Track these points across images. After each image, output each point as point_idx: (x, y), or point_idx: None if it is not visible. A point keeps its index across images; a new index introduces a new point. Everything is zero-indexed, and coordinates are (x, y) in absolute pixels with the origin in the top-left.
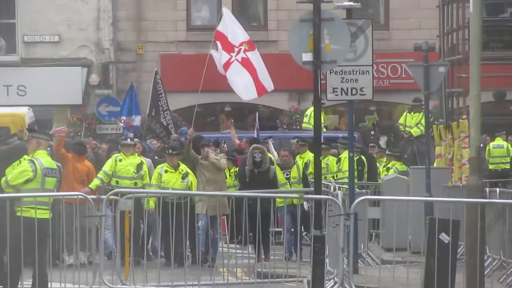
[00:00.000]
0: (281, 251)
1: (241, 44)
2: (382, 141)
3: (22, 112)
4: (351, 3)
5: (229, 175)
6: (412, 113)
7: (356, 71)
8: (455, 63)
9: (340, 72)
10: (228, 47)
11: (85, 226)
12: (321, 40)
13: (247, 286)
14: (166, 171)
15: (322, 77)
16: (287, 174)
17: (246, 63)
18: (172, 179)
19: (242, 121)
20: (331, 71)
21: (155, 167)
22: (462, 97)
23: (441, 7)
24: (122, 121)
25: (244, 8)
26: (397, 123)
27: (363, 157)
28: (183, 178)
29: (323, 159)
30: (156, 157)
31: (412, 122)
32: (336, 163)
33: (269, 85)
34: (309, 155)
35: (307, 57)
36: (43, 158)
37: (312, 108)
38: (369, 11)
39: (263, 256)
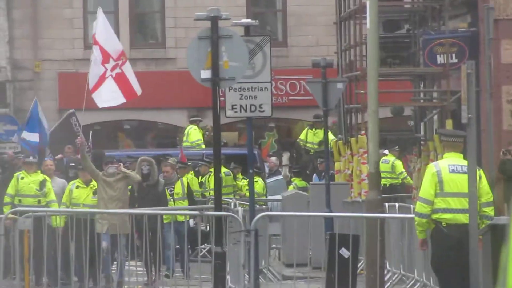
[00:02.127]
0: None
1: (118, 58)
2: (285, 157)
3: None
4: (249, 20)
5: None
6: (313, 129)
7: (255, 88)
8: (353, 79)
9: (239, 89)
10: (104, 57)
11: None
12: (219, 57)
13: None
14: (77, 187)
15: (221, 94)
16: (170, 190)
17: (120, 78)
18: (83, 194)
19: (141, 138)
20: (230, 88)
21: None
22: (360, 113)
23: (338, 24)
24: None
25: (142, 26)
26: (297, 139)
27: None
28: (94, 194)
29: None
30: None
31: (314, 139)
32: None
33: (137, 88)
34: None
35: (206, 74)
36: None
37: (189, 126)
38: (267, 28)
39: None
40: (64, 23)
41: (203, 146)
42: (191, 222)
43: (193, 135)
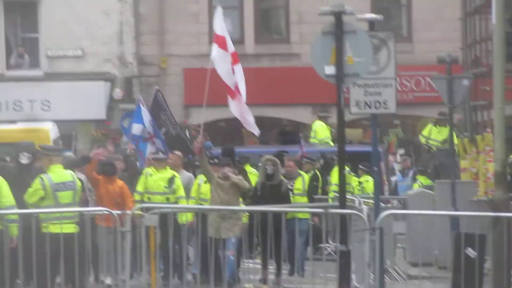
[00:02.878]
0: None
1: (232, 55)
2: (400, 153)
3: (47, 127)
4: (374, 15)
5: None
6: (437, 127)
7: (379, 84)
8: (478, 76)
9: (363, 85)
10: (233, 58)
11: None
12: (343, 53)
13: None
14: (205, 182)
15: (345, 90)
16: (291, 185)
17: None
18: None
19: (265, 135)
20: (354, 84)
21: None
22: (486, 110)
23: (464, 19)
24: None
25: (266, 21)
26: (420, 135)
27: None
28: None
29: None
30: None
31: (438, 136)
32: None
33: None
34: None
35: (330, 70)
36: (54, 174)
37: (317, 123)
38: (392, 23)
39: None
40: (189, 18)
41: (332, 143)
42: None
43: (321, 132)
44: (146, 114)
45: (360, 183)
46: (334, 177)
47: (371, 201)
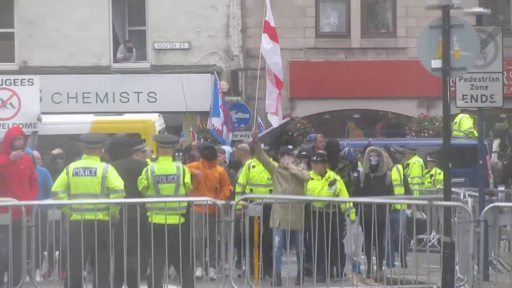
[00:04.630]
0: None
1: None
2: (495, 143)
3: (153, 119)
4: (481, 9)
5: None
6: None
7: (486, 78)
8: None
9: (470, 79)
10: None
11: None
12: (450, 46)
13: None
14: (312, 179)
15: (451, 84)
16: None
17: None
18: (318, 186)
19: (370, 128)
20: (460, 78)
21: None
22: None
23: None
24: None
25: (372, 15)
26: None
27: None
28: (329, 185)
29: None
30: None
31: None
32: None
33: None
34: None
35: (436, 64)
36: (158, 165)
37: (460, 115)
38: (499, 17)
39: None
40: (296, 11)
41: (476, 134)
42: (408, 211)
43: (465, 123)
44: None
45: (431, 176)
46: (414, 170)
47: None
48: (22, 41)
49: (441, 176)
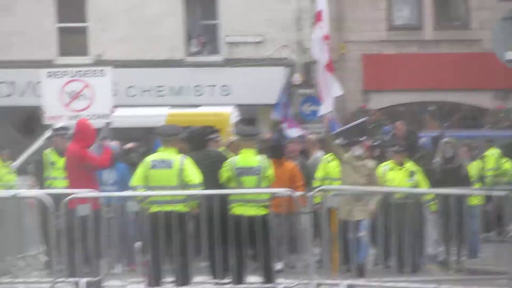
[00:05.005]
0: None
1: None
2: None
3: (227, 112)
4: None
5: None
6: None
7: None
8: None
9: None
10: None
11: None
12: None
13: (458, 282)
14: (391, 169)
15: None
16: None
17: None
18: (398, 177)
19: (446, 120)
20: None
21: None
22: None
23: None
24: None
25: (445, 8)
26: None
27: None
28: (410, 176)
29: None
30: None
31: None
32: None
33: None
34: None
35: (511, 55)
36: (240, 158)
37: None
38: None
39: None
40: (368, 4)
41: None
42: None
43: None
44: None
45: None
46: (490, 161)
47: None
48: (95, 35)
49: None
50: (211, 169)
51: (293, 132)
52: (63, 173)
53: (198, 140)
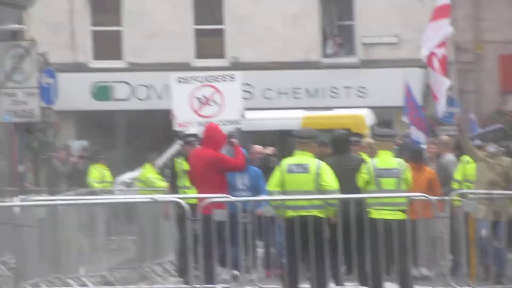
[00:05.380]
0: None
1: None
2: None
3: (362, 114)
4: None
5: None
6: None
7: None
8: None
9: None
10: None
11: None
12: None
13: None
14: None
15: None
16: None
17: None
18: None
19: None
20: None
21: None
22: None
23: None
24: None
25: None
26: None
27: None
28: None
29: None
30: None
31: None
32: None
33: None
34: None
35: None
36: (380, 159)
37: None
38: None
39: None
40: (505, 4)
41: None
42: None
43: None
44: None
45: None
46: None
47: None
48: (232, 37)
49: None
50: (349, 174)
51: (419, 135)
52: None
53: (341, 144)
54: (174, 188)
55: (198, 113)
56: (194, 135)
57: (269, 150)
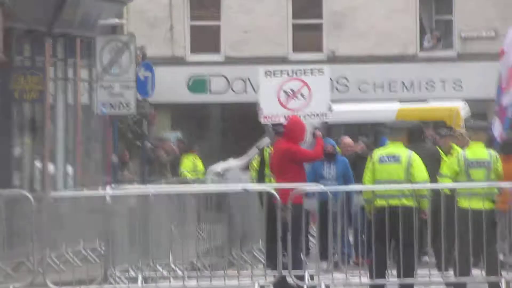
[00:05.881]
0: None
1: None
2: None
3: (457, 106)
4: None
5: None
6: None
7: None
8: None
9: None
10: None
11: None
12: None
13: None
14: None
15: None
16: None
17: None
18: None
19: None
20: None
21: None
22: None
23: None
24: None
25: None
26: None
27: None
28: None
29: None
30: None
31: None
32: None
33: None
34: None
35: None
36: (471, 151)
37: None
38: None
39: None
40: None
41: None
42: None
43: None
44: None
45: None
46: None
47: None
48: (330, 31)
49: None
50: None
51: (496, 125)
52: None
53: (415, 134)
54: (261, 176)
55: (285, 106)
56: (282, 125)
57: (358, 147)
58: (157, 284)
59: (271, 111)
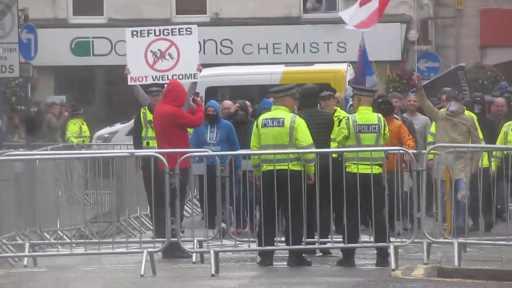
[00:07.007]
0: None
1: None
2: None
3: (342, 68)
4: None
5: None
6: None
7: None
8: None
9: None
10: None
11: None
12: None
13: None
14: None
15: None
16: None
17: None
18: None
19: None
20: None
21: None
22: None
23: None
24: None
25: None
26: None
27: None
28: None
29: None
30: None
31: None
32: None
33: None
34: None
35: None
36: (360, 115)
37: None
38: None
39: None
40: None
41: None
42: None
43: None
44: None
45: None
46: None
47: None
48: None
49: None
50: (317, 128)
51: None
52: None
53: (309, 98)
54: (137, 139)
55: (152, 67)
56: (157, 85)
57: (233, 107)
58: (45, 251)
59: (138, 72)
